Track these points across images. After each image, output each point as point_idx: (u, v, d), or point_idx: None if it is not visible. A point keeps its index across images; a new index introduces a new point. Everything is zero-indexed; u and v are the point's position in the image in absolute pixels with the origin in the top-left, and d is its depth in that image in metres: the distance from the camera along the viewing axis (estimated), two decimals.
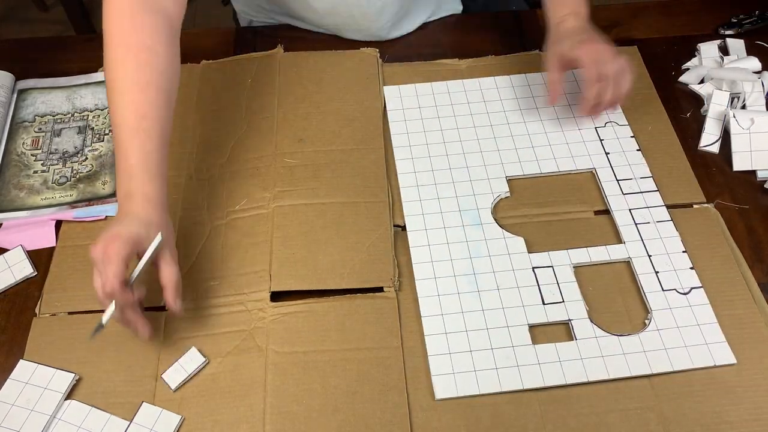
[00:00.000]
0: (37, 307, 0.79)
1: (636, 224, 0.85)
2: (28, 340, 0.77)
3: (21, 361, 0.75)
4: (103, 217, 0.87)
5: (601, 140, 0.94)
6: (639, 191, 0.88)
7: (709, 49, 1.03)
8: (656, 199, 0.87)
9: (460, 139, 0.94)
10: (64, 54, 1.07)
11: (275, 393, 0.73)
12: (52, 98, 1.00)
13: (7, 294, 0.81)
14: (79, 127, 0.97)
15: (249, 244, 0.84)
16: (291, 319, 0.78)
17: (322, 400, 0.72)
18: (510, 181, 0.89)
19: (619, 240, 0.84)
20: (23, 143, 0.95)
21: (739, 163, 0.91)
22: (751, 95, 0.95)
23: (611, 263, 0.82)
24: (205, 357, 0.74)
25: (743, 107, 0.96)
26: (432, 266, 0.82)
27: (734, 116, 0.92)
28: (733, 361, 0.74)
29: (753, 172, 0.91)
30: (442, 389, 0.73)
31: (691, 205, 0.87)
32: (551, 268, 0.81)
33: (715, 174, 0.91)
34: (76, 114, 0.98)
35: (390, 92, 1.00)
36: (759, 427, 0.70)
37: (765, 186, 0.89)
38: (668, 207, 0.87)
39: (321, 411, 0.72)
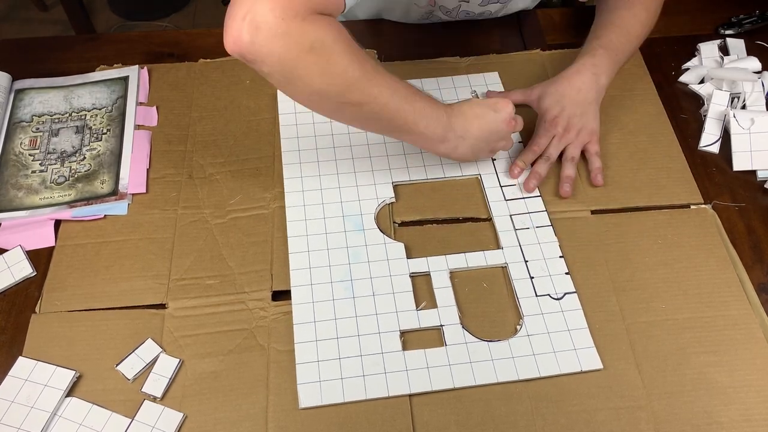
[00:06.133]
0: (37, 306, 0.79)
1: (515, 230, 0.85)
2: (26, 337, 0.77)
3: (20, 358, 0.75)
4: (102, 216, 0.87)
5: None
6: (521, 197, 0.88)
7: (709, 49, 1.03)
8: (538, 204, 0.87)
9: (350, 144, 0.93)
10: (63, 54, 1.07)
11: (278, 391, 0.73)
12: (50, 98, 1.00)
13: (6, 294, 0.81)
14: (77, 126, 0.97)
15: (249, 243, 0.84)
16: (292, 318, 0.78)
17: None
18: (396, 186, 0.89)
19: (498, 246, 0.84)
20: (21, 143, 0.95)
21: (739, 163, 0.91)
22: (751, 95, 0.96)
23: (488, 268, 0.82)
24: (178, 358, 0.75)
25: (743, 107, 0.96)
26: (309, 273, 0.81)
27: (734, 116, 0.92)
28: (600, 366, 0.74)
29: (753, 172, 0.91)
30: (307, 398, 0.72)
31: (688, 206, 0.88)
32: (428, 273, 0.81)
33: (715, 174, 0.91)
34: (73, 114, 0.98)
35: (283, 96, 0.98)
36: (749, 428, 0.70)
37: (765, 186, 0.89)
38: (666, 208, 0.87)
39: (323, 408, 0.72)
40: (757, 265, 0.83)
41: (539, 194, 0.88)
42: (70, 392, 0.73)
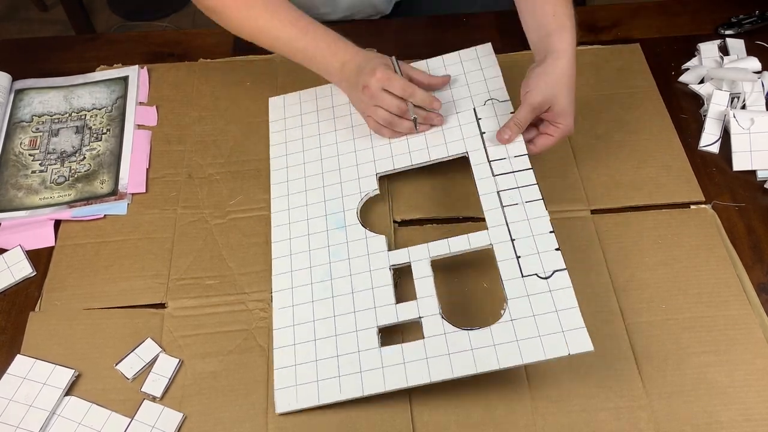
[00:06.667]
0: (37, 306, 0.79)
1: (503, 207, 0.80)
2: (24, 335, 0.77)
3: (18, 356, 0.75)
4: (102, 216, 0.87)
5: (478, 119, 0.88)
6: (511, 171, 0.82)
7: (709, 49, 1.03)
8: (529, 177, 0.81)
9: (336, 141, 0.91)
10: (63, 54, 1.07)
11: None
12: (50, 98, 1.00)
13: (6, 294, 0.81)
14: (77, 126, 0.97)
15: (249, 244, 0.84)
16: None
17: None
18: (381, 177, 0.87)
19: (485, 227, 0.79)
20: (21, 143, 0.95)
21: (739, 163, 0.91)
22: (751, 95, 0.95)
23: (472, 252, 0.78)
24: (178, 358, 0.75)
25: (743, 107, 0.96)
26: (291, 276, 0.80)
27: (734, 116, 0.92)
28: (590, 348, 0.68)
29: (753, 172, 0.91)
30: (283, 403, 0.71)
31: (688, 206, 0.87)
32: (408, 264, 0.78)
33: (715, 174, 0.91)
34: (73, 114, 0.98)
35: (274, 103, 0.98)
36: (750, 428, 0.70)
37: (765, 186, 0.89)
38: (666, 207, 0.87)
39: (323, 409, 0.72)
40: (757, 265, 0.83)
41: (530, 167, 0.82)
42: (70, 391, 0.73)
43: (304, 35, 0.87)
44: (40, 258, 0.84)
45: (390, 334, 0.75)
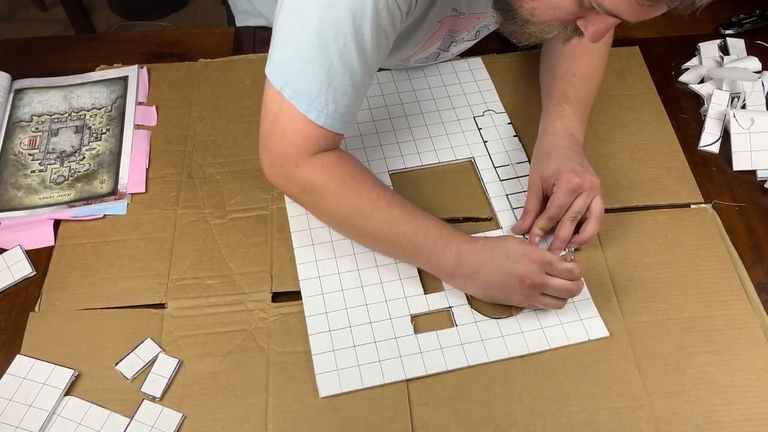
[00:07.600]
0: (37, 306, 0.79)
1: (512, 209, 0.87)
2: (24, 335, 0.77)
3: (18, 356, 0.75)
4: (101, 216, 0.87)
5: (479, 129, 0.95)
6: (516, 176, 0.90)
7: (709, 49, 1.03)
8: None
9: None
10: (63, 54, 1.07)
11: (277, 392, 0.73)
12: (49, 98, 1.00)
13: (6, 294, 0.81)
14: (77, 126, 0.97)
15: (249, 244, 0.84)
16: (292, 319, 0.78)
17: (323, 398, 0.72)
18: (393, 175, 0.90)
19: (498, 226, 0.86)
20: (20, 143, 0.95)
21: (739, 163, 0.91)
22: (751, 95, 0.95)
23: None
24: (177, 358, 0.75)
25: (743, 107, 0.96)
26: (316, 265, 0.82)
27: (734, 116, 0.92)
28: (606, 334, 0.76)
29: (753, 172, 0.91)
30: (326, 387, 0.73)
31: (688, 206, 0.87)
32: None
33: (715, 174, 0.91)
34: (73, 113, 0.98)
35: None
36: (750, 428, 0.71)
37: (765, 186, 0.89)
38: (666, 207, 0.87)
39: (323, 409, 0.72)
40: (757, 265, 0.83)
41: None
42: (69, 391, 0.73)
43: (413, 219, 0.77)
44: (39, 258, 0.84)
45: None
